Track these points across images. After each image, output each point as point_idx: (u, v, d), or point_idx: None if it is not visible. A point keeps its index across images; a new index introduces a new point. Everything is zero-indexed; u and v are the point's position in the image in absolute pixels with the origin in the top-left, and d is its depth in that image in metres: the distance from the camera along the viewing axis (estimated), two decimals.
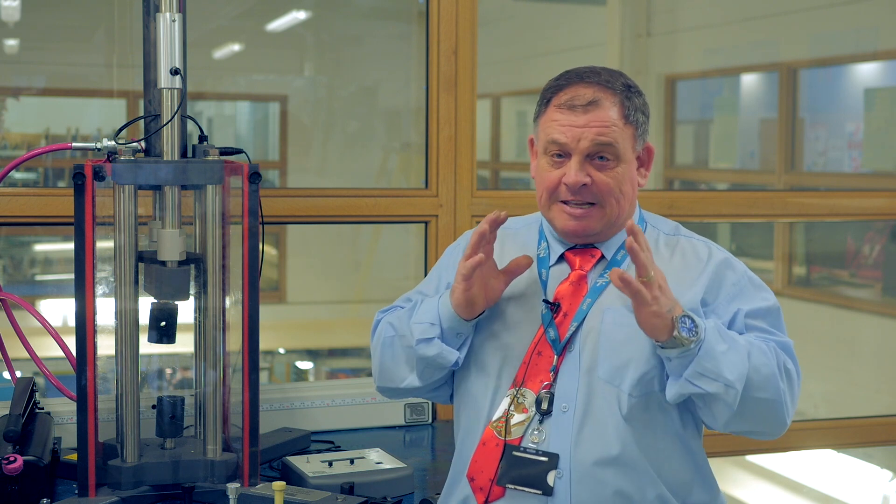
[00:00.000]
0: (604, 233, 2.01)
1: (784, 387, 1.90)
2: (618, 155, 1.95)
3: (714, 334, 1.85)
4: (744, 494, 6.29)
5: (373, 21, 7.80)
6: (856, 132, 7.05)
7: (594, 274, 2.00)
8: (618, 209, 1.98)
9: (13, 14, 7.02)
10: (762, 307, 1.99)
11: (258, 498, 2.18)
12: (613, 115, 1.95)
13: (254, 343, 2.28)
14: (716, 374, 1.83)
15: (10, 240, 7.71)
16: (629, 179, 1.99)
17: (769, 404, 1.89)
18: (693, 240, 2.05)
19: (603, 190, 1.95)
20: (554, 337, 1.96)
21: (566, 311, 1.97)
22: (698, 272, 1.98)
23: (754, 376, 1.86)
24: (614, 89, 1.98)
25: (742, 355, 1.85)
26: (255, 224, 2.26)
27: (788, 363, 1.93)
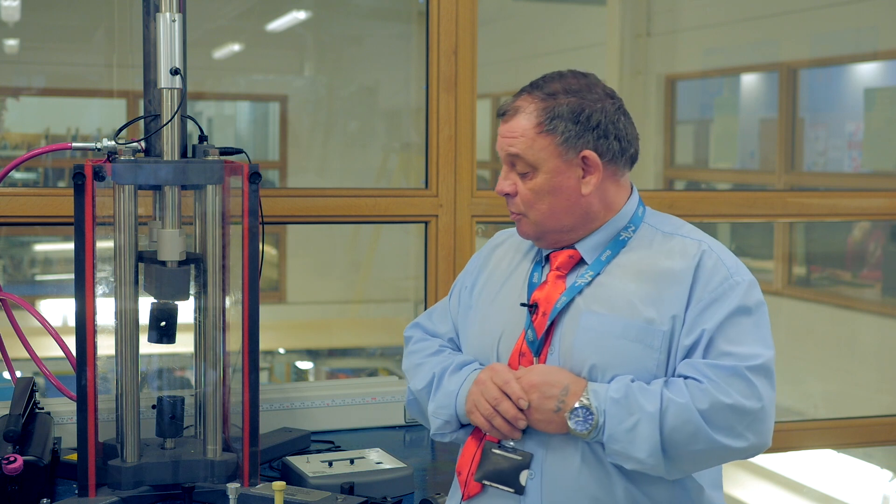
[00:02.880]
0: (555, 240, 2.00)
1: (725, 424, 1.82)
2: (532, 165, 1.94)
3: (619, 411, 1.82)
4: (744, 494, 6.29)
5: (373, 21, 7.80)
6: (856, 132, 7.05)
7: (574, 275, 2.00)
8: (547, 218, 1.96)
9: (13, 14, 7.01)
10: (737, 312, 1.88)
11: (258, 498, 2.18)
12: (525, 125, 1.94)
13: (254, 343, 2.28)
14: (626, 455, 1.83)
15: (10, 240, 7.70)
16: (556, 189, 1.94)
17: (711, 451, 1.84)
18: (686, 239, 1.97)
19: (524, 200, 1.97)
20: (532, 338, 1.97)
21: (544, 311, 1.97)
22: (682, 277, 1.91)
23: (675, 437, 1.82)
24: (538, 96, 1.95)
25: (652, 425, 1.81)
26: (255, 224, 2.26)
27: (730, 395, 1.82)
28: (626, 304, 1.91)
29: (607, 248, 1.98)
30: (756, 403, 1.84)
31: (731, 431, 1.83)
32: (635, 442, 1.82)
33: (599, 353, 1.90)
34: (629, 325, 1.89)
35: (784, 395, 6.54)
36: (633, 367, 1.88)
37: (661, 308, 1.89)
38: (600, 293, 1.94)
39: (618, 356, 1.89)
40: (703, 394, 1.82)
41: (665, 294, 1.90)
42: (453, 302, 2.19)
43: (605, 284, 1.95)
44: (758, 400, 1.84)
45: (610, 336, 1.90)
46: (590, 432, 1.83)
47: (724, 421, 1.83)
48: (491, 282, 2.10)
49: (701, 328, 1.87)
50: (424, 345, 2.16)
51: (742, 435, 1.84)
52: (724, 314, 1.87)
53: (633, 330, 1.89)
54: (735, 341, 1.87)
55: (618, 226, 2.00)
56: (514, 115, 1.96)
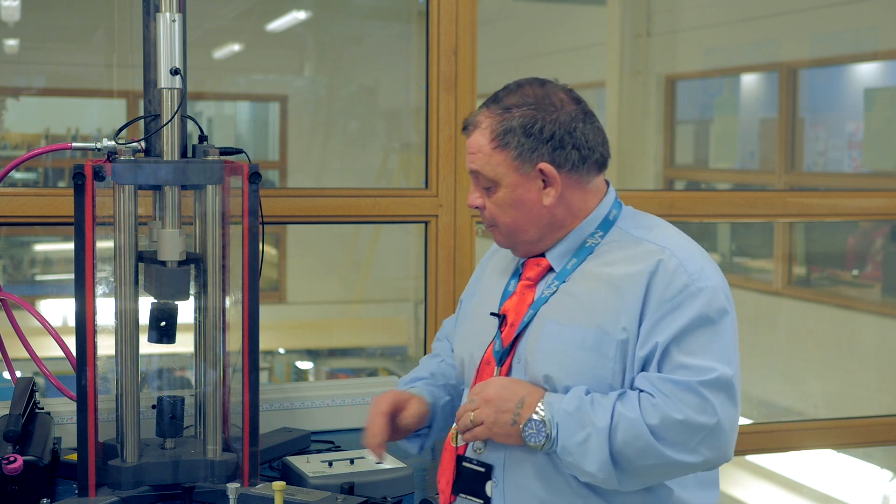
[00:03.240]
0: (528, 247, 2.00)
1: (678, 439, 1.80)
2: (492, 180, 1.94)
3: (571, 424, 1.81)
4: (744, 494, 6.29)
5: (373, 21, 7.80)
6: (856, 132, 7.05)
7: (543, 284, 1.99)
8: (514, 229, 1.97)
9: (13, 14, 7.02)
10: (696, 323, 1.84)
11: (258, 498, 2.18)
12: (481, 141, 1.94)
13: (254, 343, 2.28)
14: (577, 467, 1.83)
15: (10, 240, 7.71)
16: (518, 202, 1.94)
17: (659, 468, 1.83)
18: (651, 244, 1.91)
19: (490, 213, 1.98)
20: (498, 347, 1.97)
21: (512, 322, 1.97)
22: (638, 285, 1.87)
23: (625, 451, 1.80)
24: (493, 111, 1.94)
25: (601, 439, 1.79)
26: (255, 224, 2.26)
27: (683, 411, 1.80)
28: (584, 314, 1.89)
29: (573, 256, 1.97)
30: (710, 419, 1.80)
31: (684, 447, 1.80)
32: (586, 455, 1.81)
33: (555, 364, 1.89)
34: (586, 334, 1.88)
35: (784, 395, 6.56)
36: (588, 376, 1.86)
37: (616, 317, 1.87)
38: (562, 302, 1.93)
39: (572, 366, 1.87)
40: (654, 409, 1.80)
41: (619, 302, 1.87)
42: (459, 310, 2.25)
43: (568, 293, 1.94)
44: (712, 415, 1.80)
45: (567, 346, 1.88)
46: (543, 444, 1.83)
47: (676, 437, 1.80)
48: (480, 290, 2.13)
49: (654, 340, 1.83)
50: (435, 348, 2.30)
51: (695, 450, 1.81)
52: (682, 324, 1.83)
53: (589, 339, 1.87)
54: (692, 353, 1.83)
55: (584, 232, 1.97)
56: (473, 131, 1.96)
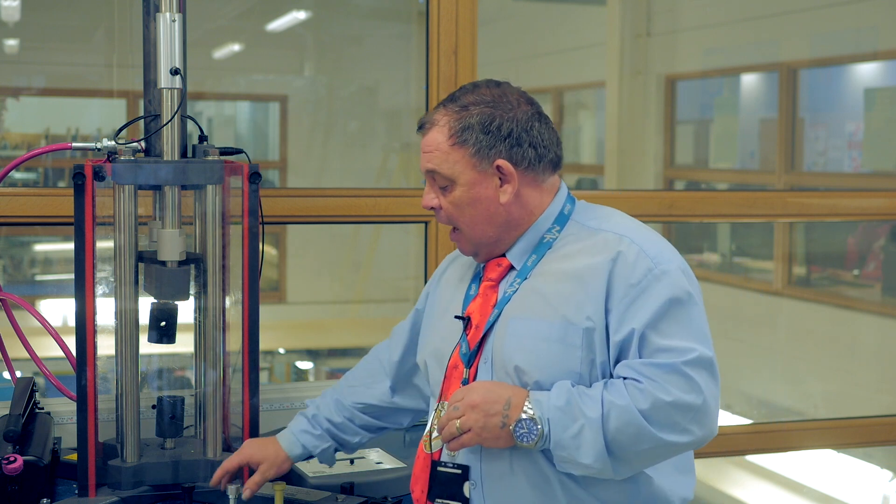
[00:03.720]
0: (491, 248, 2.00)
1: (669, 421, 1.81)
2: (449, 178, 1.95)
3: (562, 419, 1.81)
4: (744, 494, 6.29)
5: (373, 21, 7.80)
6: (856, 132, 7.05)
7: (505, 284, 1.99)
8: (472, 229, 1.97)
9: (13, 14, 7.02)
10: (670, 304, 1.85)
11: (258, 498, 2.18)
12: (439, 138, 1.95)
13: (254, 343, 2.28)
14: (572, 461, 1.82)
15: (10, 240, 7.71)
16: (475, 201, 1.94)
17: (653, 452, 1.84)
18: (607, 234, 1.93)
19: (447, 213, 1.98)
20: (465, 350, 1.97)
21: (477, 324, 1.97)
22: (600, 274, 1.89)
23: (620, 439, 1.81)
24: (450, 109, 1.95)
25: (595, 430, 1.80)
26: (255, 224, 2.26)
27: (670, 392, 1.81)
28: (547, 307, 1.90)
29: (532, 253, 1.98)
30: (697, 398, 1.82)
31: (676, 427, 1.82)
32: (581, 448, 1.81)
33: (522, 355, 1.89)
34: (550, 326, 1.88)
35: (784, 395, 6.57)
36: (557, 367, 1.87)
37: (580, 306, 1.88)
38: (525, 298, 1.94)
39: (540, 357, 1.88)
40: (643, 394, 1.81)
41: (583, 291, 1.89)
42: (407, 322, 2.26)
43: (531, 289, 1.94)
44: (698, 394, 1.83)
45: (533, 339, 1.89)
46: (536, 443, 1.82)
47: (667, 418, 1.82)
48: (439, 299, 2.12)
49: (630, 326, 1.85)
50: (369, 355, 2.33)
51: (687, 430, 1.83)
52: (654, 308, 1.84)
53: (554, 331, 1.88)
54: (669, 335, 1.84)
55: (541, 229, 1.98)
56: (429, 129, 1.96)
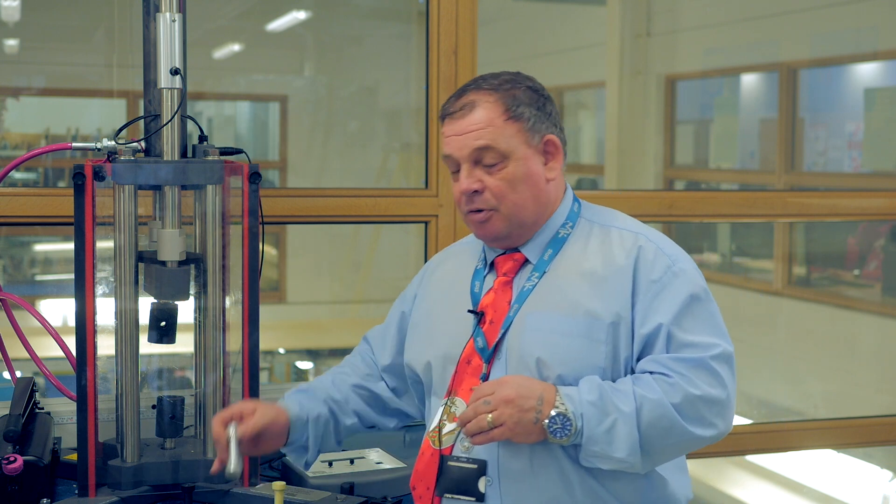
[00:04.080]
0: (519, 235, 1.99)
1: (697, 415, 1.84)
2: (503, 154, 1.94)
3: (595, 414, 1.81)
4: (744, 494, 6.29)
5: (373, 21, 7.80)
6: (856, 132, 7.05)
7: (520, 279, 1.99)
8: (519, 209, 1.96)
9: (13, 14, 7.02)
10: (690, 301, 1.90)
11: (258, 498, 2.18)
12: (490, 115, 1.94)
13: (254, 343, 2.28)
14: (605, 456, 1.83)
15: (10, 240, 7.71)
16: (527, 176, 1.95)
17: (683, 443, 1.87)
18: (623, 231, 1.98)
19: (496, 193, 1.95)
20: (482, 345, 1.96)
21: (492, 319, 1.97)
22: (622, 269, 1.92)
23: (651, 433, 1.82)
24: (491, 88, 1.97)
25: (629, 424, 1.81)
26: (255, 224, 2.26)
27: (699, 386, 1.85)
28: (569, 302, 1.91)
29: (548, 247, 1.99)
30: (722, 392, 1.86)
31: (703, 421, 1.85)
32: (614, 442, 1.81)
33: (544, 348, 1.89)
34: (573, 322, 1.89)
35: (784, 395, 6.57)
36: (580, 362, 1.88)
37: (605, 302, 1.90)
38: (545, 293, 1.94)
39: (563, 351, 1.89)
40: (674, 388, 1.83)
41: (607, 288, 1.91)
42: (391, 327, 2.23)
43: (549, 284, 1.95)
44: (723, 388, 1.87)
45: (555, 333, 1.90)
46: (569, 438, 1.82)
47: (696, 412, 1.84)
48: (433, 299, 2.11)
49: (656, 321, 1.88)
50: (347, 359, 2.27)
51: (712, 423, 1.86)
52: (677, 305, 1.88)
53: (578, 327, 1.89)
54: (692, 331, 1.88)
55: (556, 224, 2.01)
56: (471, 110, 1.95)
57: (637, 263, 1.91)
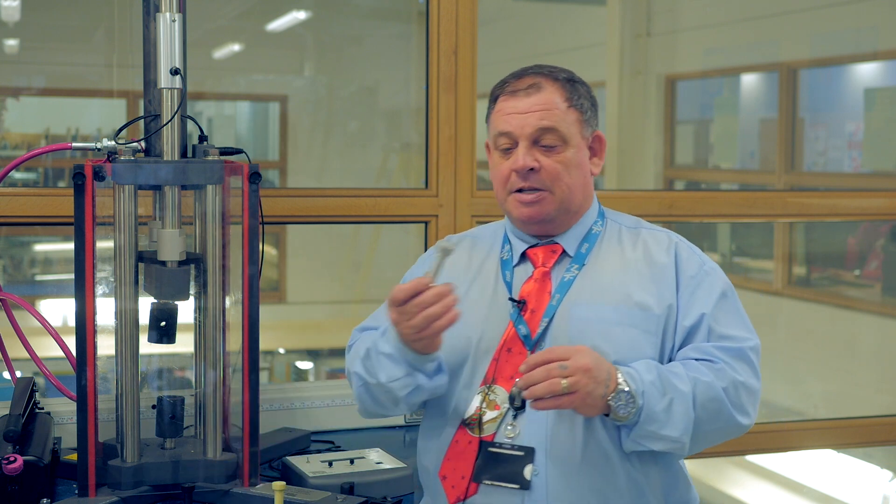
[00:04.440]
0: (561, 222, 2.02)
1: (739, 402, 1.90)
2: (563, 138, 1.98)
3: (654, 392, 1.84)
4: (744, 494, 6.29)
5: (373, 21, 7.80)
6: (856, 132, 7.05)
7: (559, 269, 2.02)
8: (570, 194, 2.00)
9: (13, 14, 7.02)
10: (722, 296, 1.98)
11: (258, 498, 2.18)
12: (556, 99, 1.99)
13: (254, 343, 2.28)
14: (659, 435, 1.85)
15: (10, 240, 7.71)
16: (579, 164, 2.01)
17: (722, 430, 1.92)
18: (654, 232, 2.07)
19: (552, 174, 1.97)
20: (525, 333, 1.96)
21: (533, 308, 1.98)
22: (664, 263, 2.00)
23: (703, 415, 1.87)
24: (555, 77, 2.02)
25: (686, 404, 1.85)
26: (255, 224, 2.26)
27: (741, 373, 1.92)
28: (615, 294, 1.95)
29: (584, 241, 2.03)
30: (757, 382, 1.95)
31: (742, 409, 1.91)
32: (671, 420, 1.84)
33: (597, 339, 1.91)
34: (624, 312, 1.94)
35: (784, 395, 6.56)
36: (632, 352, 1.92)
37: (655, 295, 1.96)
38: (587, 285, 1.98)
39: (616, 341, 1.92)
40: (721, 373, 1.89)
41: (655, 281, 1.97)
42: None
43: (590, 276, 1.99)
44: (758, 379, 1.95)
45: (606, 323, 1.93)
46: (628, 416, 1.83)
47: (738, 398, 1.90)
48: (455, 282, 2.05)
49: (699, 311, 1.94)
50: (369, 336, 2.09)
51: (748, 412, 1.92)
52: (714, 299, 1.96)
53: (629, 317, 1.93)
54: (728, 325, 1.96)
55: (589, 220, 2.06)
56: (537, 91, 1.99)
57: (677, 260, 2.00)
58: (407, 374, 1.95)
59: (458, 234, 2.21)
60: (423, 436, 2.10)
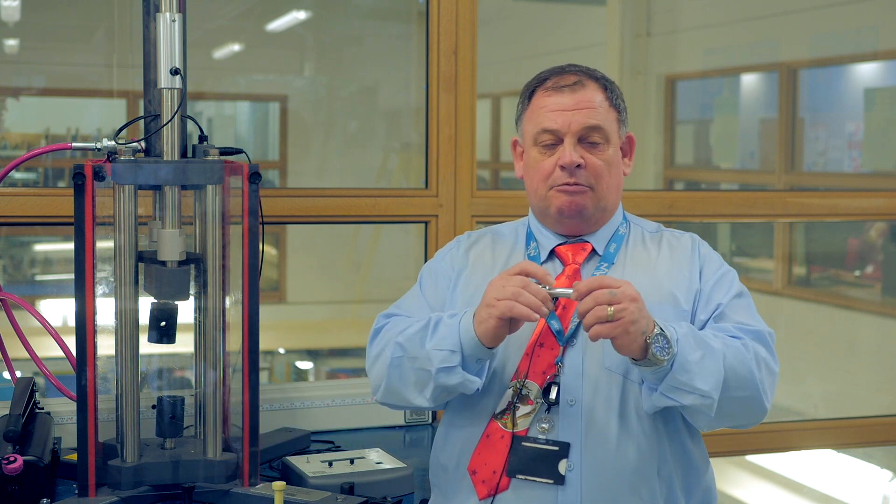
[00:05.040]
0: (594, 220, 2.04)
1: (762, 377, 1.92)
2: (607, 137, 2.00)
3: (688, 343, 1.85)
4: (744, 494, 6.29)
5: (373, 21, 7.80)
6: (856, 132, 7.05)
7: (589, 267, 2.03)
8: (608, 192, 2.03)
9: (13, 14, 7.02)
10: (738, 296, 2.02)
11: (258, 498, 2.18)
12: (600, 97, 2.01)
13: (254, 343, 2.28)
14: (690, 386, 1.84)
15: (10, 240, 7.70)
16: (617, 164, 2.04)
17: (747, 400, 1.91)
18: (676, 233, 2.12)
19: (596, 171, 2.00)
20: (558, 328, 1.97)
21: (565, 304, 1.98)
22: (688, 261, 2.04)
23: (731, 377, 1.87)
24: (594, 76, 2.04)
25: (717, 360, 1.86)
26: (255, 224, 2.26)
27: (762, 352, 1.94)
28: (646, 290, 1.92)
29: (612, 241, 2.06)
30: (776, 366, 1.96)
31: (762, 387, 1.91)
32: (702, 373, 1.84)
33: None
34: (655, 308, 1.91)
35: (784, 395, 6.56)
36: None
37: (683, 290, 2.00)
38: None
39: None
40: (747, 347, 1.91)
41: (682, 278, 2.01)
42: (428, 291, 2.12)
43: (620, 274, 2.01)
44: (777, 364, 1.96)
45: None
46: (665, 360, 1.82)
47: (761, 373, 1.91)
48: (477, 279, 2.07)
49: (717, 302, 1.98)
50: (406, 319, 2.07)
51: (767, 394, 1.93)
52: (731, 295, 2.00)
53: (660, 312, 1.92)
54: (745, 317, 2.00)
55: (617, 221, 2.10)
56: (582, 88, 2.00)
57: (701, 258, 2.05)
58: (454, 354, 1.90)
59: (477, 231, 2.21)
60: (446, 432, 2.08)
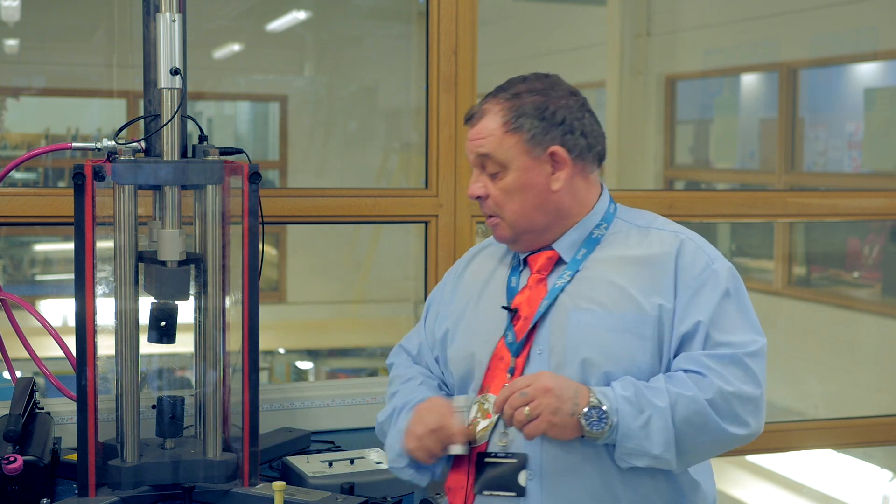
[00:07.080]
0: (532, 239, 2.01)
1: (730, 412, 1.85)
2: (502, 164, 1.96)
3: (628, 411, 1.81)
4: (744, 494, 6.29)
5: (373, 21, 7.80)
6: (856, 132, 7.05)
7: (554, 276, 2.00)
8: (521, 217, 1.98)
9: (13, 14, 7.02)
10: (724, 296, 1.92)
11: (258, 498, 2.18)
12: (492, 125, 1.97)
13: (254, 343, 2.28)
14: (640, 451, 1.83)
15: (10, 240, 7.71)
16: (526, 187, 1.96)
17: (715, 442, 1.88)
18: (663, 231, 2.01)
19: (495, 201, 1.99)
20: (511, 340, 1.96)
21: (525, 315, 1.97)
22: (664, 269, 1.94)
23: (685, 429, 1.83)
24: (502, 98, 1.99)
25: (665, 419, 1.82)
26: (255, 224, 2.26)
27: (731, 385, 1.85)
28: (611, 298, 1.92)
29: (582, 247, 2.00)
30: (756, 389, 1.88)
31: (737, 419, 1.86)
32: (650, 437, 1.81)
33: (591, 347, 1.89)
34: (619, 317, 1.90)
35: (784, 395, 6.57)
36: (626, 358, 1.89)
37: (647, 295, 1.91)
38: (584, 290, 1.95)
39: (610, 348, 1.89)
40: (708, 385, 1.84)
41: (648, 282, 1.92)
42: (428, 323, 2.18)
43: (586, 280, 1.96)
44: (757, 386, 1.88)
45: (601, 329, 1.90)
46: (604, 432, 1.81)
47: (730, 409, 1.85)
48: (468, 294, 2.09)
49: (696, 318, 1.89)
50: (402, 372, 2.15)
51: (745, 422, 1.87)
52: (714, 302, 1.90)
53: (623, 321, 1.89)
54: (729, 330, 1.90)
55: (591, 224, 2.02)
56: (480, 118, 1.99)
57: (678, 260, 1.94)
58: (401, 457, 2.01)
59: (486, 240, 2.20)
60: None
